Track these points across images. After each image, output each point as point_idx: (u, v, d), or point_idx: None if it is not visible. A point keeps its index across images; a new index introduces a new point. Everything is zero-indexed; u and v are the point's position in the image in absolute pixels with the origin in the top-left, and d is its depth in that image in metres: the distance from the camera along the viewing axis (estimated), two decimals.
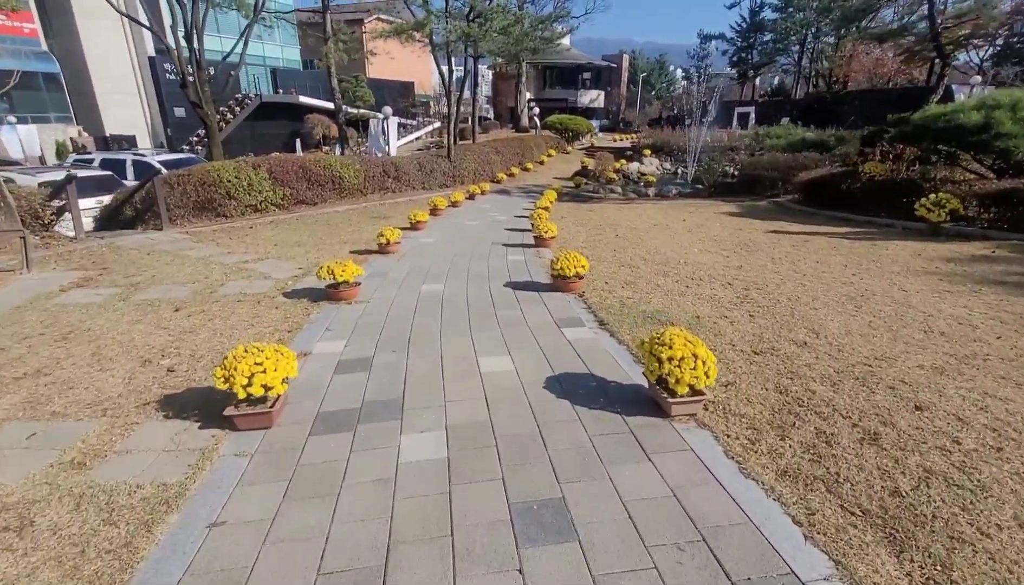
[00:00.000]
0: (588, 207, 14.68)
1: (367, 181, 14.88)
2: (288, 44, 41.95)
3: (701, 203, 15.34)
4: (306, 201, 13.15)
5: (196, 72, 12.69)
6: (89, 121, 32.34)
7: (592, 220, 12.04)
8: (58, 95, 31.33)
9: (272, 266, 7.85)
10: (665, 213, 13.07)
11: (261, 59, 39.55)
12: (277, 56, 40.97)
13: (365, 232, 10.62)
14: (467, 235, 10.42)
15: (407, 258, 8.46)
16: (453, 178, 18.02)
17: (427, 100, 45.52)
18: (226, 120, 30.93)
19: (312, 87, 36.89)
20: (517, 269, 7.62)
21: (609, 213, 13.31)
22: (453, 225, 11.61)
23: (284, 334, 5.19)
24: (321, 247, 9.27)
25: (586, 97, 45.70)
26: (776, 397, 3.78)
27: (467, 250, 8.99)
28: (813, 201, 13.00)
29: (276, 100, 32.87)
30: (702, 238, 9.61)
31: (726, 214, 12.83)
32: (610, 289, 6.47)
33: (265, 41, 40.02)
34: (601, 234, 10.15)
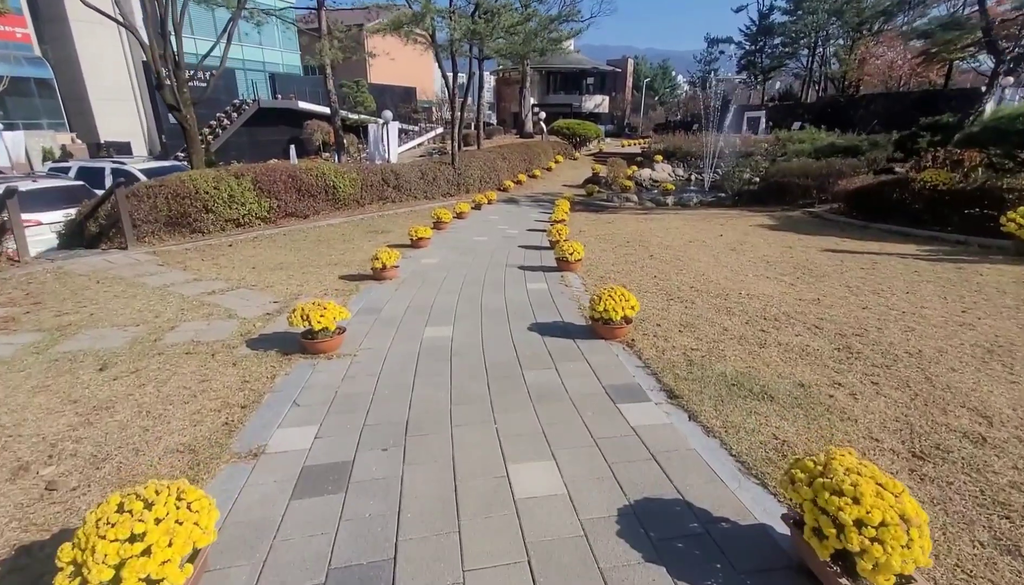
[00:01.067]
0: (606, 219, 13.18)
1: (364, 190, 13.40)
2: (288, 49, 40.60)
3: (728, 213, 13.84)
4: (296, 213, 11.66)
5: (174, 73, 11.25)
6: (84, 128, 30.97)
7: (615, 234, 10.54)
8: (51, 101, 29.96)
9: (242, 299, 6.34)
10: (695, 226, 11.57)
11: (260, 64, 38.23)
12: (277, 61, 39.63)
13: (360, 250, 9.13)
14: (476, 254, 8.92)
15: (407, 286, 6.95)
16: (457, 186, 16.54)
17: (429, 105, 44.13)
18: (223, 126, 29.54)
19: (312, 93, 35.49)
20: (541, 303, 6.10)
21: (631, 226, 11.81)
22: (460, 241, 10.11)
23: (234, 413, 3.68)
24: (307, 271, 7.77)
25: (590, 102, 44.26)
26: (1008, 565, 2.26)
27: (478, 275, 7.47)
28: (859, 212, 11.49)
29: (275, 105, 31.47)
30: (752, 259, 8.09)
31: (763, 227, 11.33)
32: (665, 335, 4.96)
33: (264, 46, 38.71)
34: (631, 253, 8.64)
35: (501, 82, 45.88)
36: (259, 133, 30.98)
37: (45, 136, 27.75)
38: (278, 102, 31.94)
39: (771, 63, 37.32)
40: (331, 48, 14.08)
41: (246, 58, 37.63)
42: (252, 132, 30.86)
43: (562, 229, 9.05)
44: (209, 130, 29.18)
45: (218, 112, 29.84)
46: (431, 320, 5.55)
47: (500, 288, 6.75)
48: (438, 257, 8.70)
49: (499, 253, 8.96)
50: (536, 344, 4.85)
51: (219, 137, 28.83)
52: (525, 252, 9.01)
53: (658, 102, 58.20)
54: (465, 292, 6.58)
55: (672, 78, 62.18)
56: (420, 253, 9.03)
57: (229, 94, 31.06)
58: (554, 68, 43.49)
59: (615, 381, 4.06)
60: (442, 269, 7.87)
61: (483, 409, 3.67)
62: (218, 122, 29.43)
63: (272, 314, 5.75)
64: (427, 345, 4.86)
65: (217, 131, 29.07)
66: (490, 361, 4.47)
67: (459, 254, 8.94)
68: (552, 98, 44.24)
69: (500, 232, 11.18)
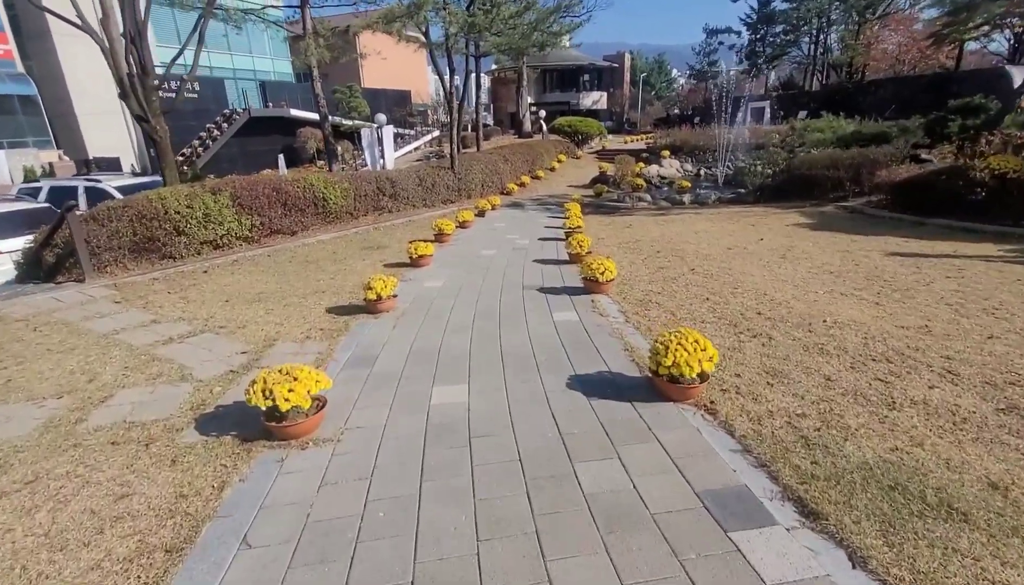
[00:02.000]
0: (623, 222, 11.88)
1: (358, 201, 12.10)
2: (279, 56, 39.27)
3: (753, 211, 12.54)
4: (282, 230, 10.37)
5: (140, 79, 9.95)
6: (71, 144, 29.69)
7: (639, 241, 9.24)
8: (36, 118, 28.69)
9: (204, 348, 5.06)
10: (724, 228, 10.27)
11: (251, 73, 36.94)
12: (268, 69, 38.32)
13: (352, 272, 7.85)
14: (486, 272, 7.62)
15: (407, 321, 5.66)
16: (458, 192, 15.24)
17: (425, 109, 42.81)
18: (212, 137, 28.23)
19: (305, 100, 34.13)
20: (576, 342, 4.80)
21: (653, 229, 10.51)
22: (465, 256, 8.82)
23: (152, 567, 2.40)
24: (289, 302, 6.49)
25: (588, 99, 42.88)
26: None
27: (491, 301, 6.17)
28: (907, 206, 10.20)
29: (266, 114, 30.17)
30: (811, 270, 6.79)
31: (800, 226, 10.04)
32: (752, 390, 3.67)
33: (255, 55, 37.42)
34: (666, 266, 7.34)
35: (497, 82, 44.54)
36: (251, 143, 29.70)
37: (28, 154, 26.48)
38: (269, 110, 30.64)
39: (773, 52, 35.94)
40: (316, 47, 12.81)
41: (236, 67, 36.37)
42: (244, 142, 29.58)
43: (583, 240, 7.75)
44: (199, 142, 27.92)
45: (208, 123, 28.55)
46: (439, 374, 4.25)
47: (520, 320, 5.45)
48: (443, 278, 7.41)
49: (512, 270, 7.66)
50: (583, 413, 3.55)
51: (209, 149, 27.53)
52: (542, 269, 7.70)
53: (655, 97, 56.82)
54: (479, 328, 5.29)
55: (668, 72, 60.79)
56: (422, 274, 7.74)
57: (219, 104, 29.78)
58: (550, 65, 42.12)
59: (711, 482, 2.76)
60: (448, 294, 6.58)
61: (527, 549, 2.37)
62: (208, 133, 28.14)
63: (237, 371, 4.46)
64: (436, 419, 3.56)
65: (207, 143, 27.78)
66: (525, 446, 3.18)
67: (466, 273, 7.64)
68: (549, 96, 42.88)
69: (509, 243, 9.88)
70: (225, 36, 36.01)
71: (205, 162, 27.32)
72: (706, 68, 45.47)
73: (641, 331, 4.92)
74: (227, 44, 36.21)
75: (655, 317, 5.24)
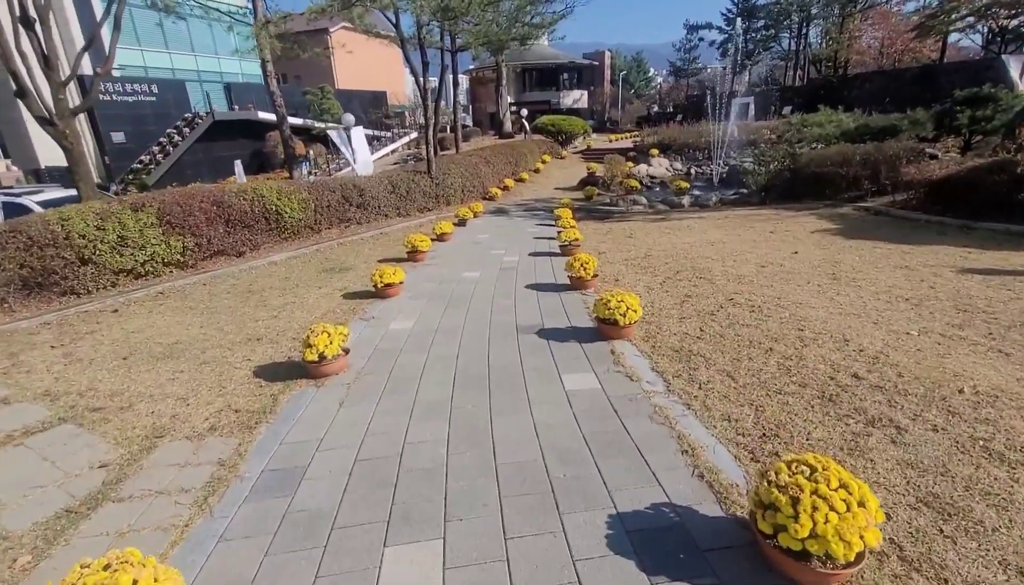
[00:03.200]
0: (623, 230, 10.32)
1: (319, 213, 10.33)
2: (247, 58, 36.86)
3: (761, 214, 11.10)
4: (226, 251, 8.58)
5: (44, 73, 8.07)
6: (21, 154, 27.14)
7: (648, 256, 7.67)
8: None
9: (53, 454, 3.31)
10: (742, 236, 8.77)
11: (217, 75, 34.63)
12: (235, 71, 35.99)
13: (302, 307, 6.14)
14: (469, 306, 5.97)
15: (359, 392, 3.97)
16: (436, 198, 13.54)
17: (402, 110, 40.82)
18: (173, 143, 25.97)
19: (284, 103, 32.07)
20: (605, 438, 3.12)
21: (661, 240, 8.97)
22: (443, 281, 7.15)
23: None
24: (207, 358, 4.76)
25: (569, 98, 41.34)
26: None
27: (476, 358, 4.48)
28: (945, 207, 8.83)
29: (232, 117, 28.01)
30: (880, 296, 5.28)
31: (828, 233, 8.58)
32: (938, 558, 2.11)
33: (220, 56, 35.08)
34: (694, 293, 5.75)
35: (475, 82, 42.79)
36: (216, 148, 27.54)
37: None
38: (235, 114, 28.47)
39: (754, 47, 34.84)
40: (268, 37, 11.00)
41: (201, 69, 34.05)
42: (209, 148, 27.40)
43: (587, 262, 6.14)
44: (159, 148, 25.67)
45: (168, 128, 26.30)
46: (396, 518, 2.58)
47: (519, 391, 3.80)
48: (414, 315, 5.73)
49: (502, 301, 6.02)
50: None
51: (170, 155, 25.31)
52: (538, 299, 6.08)
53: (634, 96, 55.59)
54: (460, 409, 3.61)
55: (646, 71, 59.62)
56: (389, 308, 6.05)
57: (180, 108, 27.53)
58: (530, 64, 40.51)
59: None
60: (419, 344, 4.90)
61: None
62: (168, 139, 25.90)
63: (74, 515, 2.76)
64: None
65: (168, 149, 25.54)
66: None
67: (443, 307, 5.98)
68: (529, 95, 41.24)
69: (495, 261, 8.24)
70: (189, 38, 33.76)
71: (166, 169, 25.14)
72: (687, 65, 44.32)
73: (697, 412, 3.32)
74: (190, 45, 33.92)
75: (710, 384, 3.65)
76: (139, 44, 31.75)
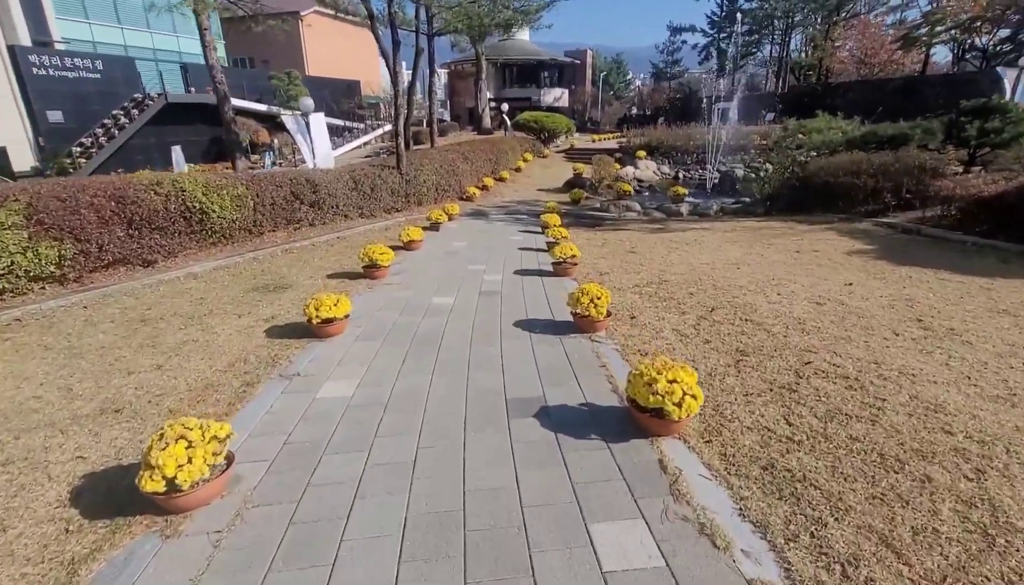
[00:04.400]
0: (621, 242, 8.70)
1: (261, 212, 8.38)
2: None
3: (774, 227, 9.66)
4: (127, 260, 6.59)
5: None
6: None
7: (664, 281, 6.05)
8: None
9: None
10: (767, 257, 7.24)
11: (176, 55, 31.67)
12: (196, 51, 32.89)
13: (204, 351, 4.27)
14: (438, 357, 4.20)
15: (243, 544, 2.22)
16: (406, 198, 11.68)
17: (377, 101, 38.40)
18: (119, 125, 23.22)
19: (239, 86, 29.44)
20: None
21: (670, 258, 7.37)
22: (405, 312, 5.36)
23: None
24: (12, 456, 2.91)
25: (549, 96, 39.61)
26: None
27: (445, 461, 2.76)
28: (995, 228, 7.50)
29: (187, 100, 25.37)
30: (1008, 359, 3.78)
31: (865, 256, 7.13)
32: None
33: (180, 34, 32.10)
34: (749, 347, 4.08)
35: (454, 75, 40.70)
36: (171, 133, 24.87)
37: None
38: (191, 96, 25.82)
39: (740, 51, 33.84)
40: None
41: (157, 48, 31.10)
42: (162, 132, 24.72)
43: (598, 295, 4.45)
44: (102, 130, 22.90)
45: (114, 109, 23.53)
46: None
47: (523, 575, 2.10)
48: (358, 372, 3.93)
49: (484, 352, 4.26)
50: None
51: (115, 138, 22.59)
52: (532, 344, 4.36)
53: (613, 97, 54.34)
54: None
55: (626, 72, 58.36)
56: (324, 356, 4.24)
57: (129, 87, 24.74)
58: (510, 60, 38.63)
59: None
60: (356, 437, 3.07)
61: None
62: (114, 121, 23.16)
63: None
64: None
65: (113, 131, 22.80)
66: None
67: (402, 355, 4.19)
68: (508, 92, 39.34)
69: (474, 280, 6.49)
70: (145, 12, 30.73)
71: (110, 154, 22.44)
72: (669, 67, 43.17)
73: None
74: (146, 22, 30.89)
75: (863, 568, 2.01)
76: (87, 16, 28.69)
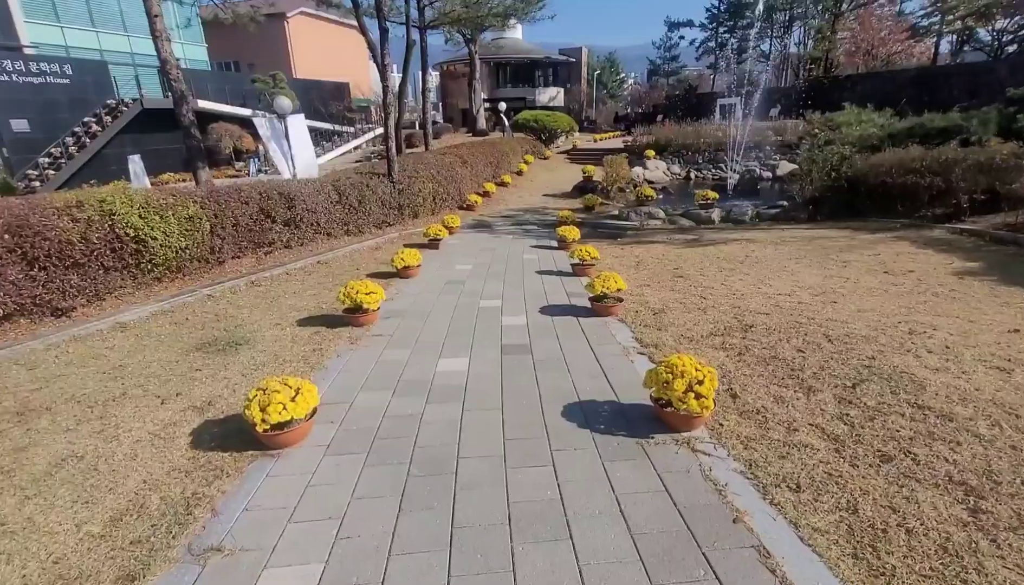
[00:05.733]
0: (658, 259, 7.05)
1: (220, 236, 6.67)
2: (191, 41, 32.10)
3: (833, 238, 8.09)
4: (28, 310, 4.88)
5: None
6: None
7: (746, 325, 4.40)
8: None
9: None
10: (852, 279, 5.64)
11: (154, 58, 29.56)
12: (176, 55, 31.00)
13: (92, 479, 2.56)
14: (456, 486, 2.58)
15: None
16: (399, 209, 9.99)
17: (367, 104, 36.55)
18: (91, 133, 21.32)
19: (222, 90, 27.58)
20: None
21: (732, 284, 5.75)
22: (402, 389, 3.68)
23: None
24: None
25: (544, 95, 37.89)
26: None
27: None
28: None
29: (165, 106, 23.37)
30: None
31: (986, 279, 5.54)
32: None
33: None
34: (965, 469, 2.48)
35: (446, 76, 38.95)
36: (148, 141, 23.06)
37: None
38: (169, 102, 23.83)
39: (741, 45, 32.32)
40: None
41: (134, 51, 29.06)
42: (139, 140, 22.84)
43: (703, 384, 2.83)
44: (73, 139, 21.00)
45: (86, 116, 21.63)
46: None
47: None
48: (323, 539, 2.29)
49: (529, 480, 2.58)
50: None
51: (87, 147, 20.73)
52: (599, 454, 2.72)
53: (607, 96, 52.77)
54: None
55: (619, 71, 56.74)
56: (274, 492, 2.57)
57: (102, 93, 22.83)
58: (504, 58, 36.89)
59: None
60: None
61: None
62: (85, 129, 21.27)
63: None
64: None
65: (84, 140, 20.92)
66: None
67: (396, 505, 2.51)
68: (502, 92, 37.57)
69: (490, 325, 4.83)
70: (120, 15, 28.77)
71: (82, 164, 20.59)
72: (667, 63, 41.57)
73: None
74: (122, 24, 28.94)
75: None
76: (58, 20, 26.68)
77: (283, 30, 36.21)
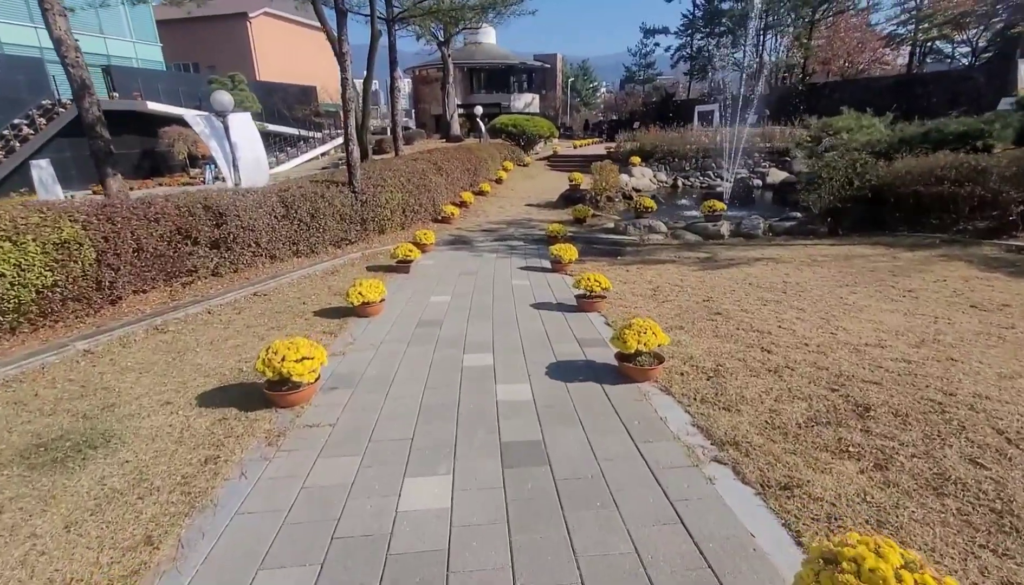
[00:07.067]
0: (677, 286, 5.60)
1: (115, 266, 4.93)
2: (143, 40, 29.58)
3: (870, 256, 6.84)
4: None
5: None
6: None
7: (860, 403, 2.99)
8: None
9: None
10: (929, 314, 4.30)
11: (104, 57, 27.03)
12: (128, 55, 28.58)
13: None
14: None
15: None
16: (362, 224, 8.31)
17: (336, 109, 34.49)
18: (21, 137, 18.82)
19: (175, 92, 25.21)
20: None
21: (794, 327, 4.34)
22: (329, 570, 2.14)
23: None
24: None
25: (520, 101, 36.52)
26: None
27: None
28: None
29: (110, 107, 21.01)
30: None
31: None
32: None
33: (107, 35, 27.52)
34: None
35: (419, 81, 37.23)
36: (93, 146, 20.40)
37: None
38: (114, 103, 21.57)
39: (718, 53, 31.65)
40: None
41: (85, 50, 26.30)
42: (80, 145, 20.22)
43: None
44: (1, 144, 18.46)
45: (15, 117, 19.12)
46: None
47: None
48: None
49: None
50: None
51: (16, 152, 18.25)
52: None
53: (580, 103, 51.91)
54: None
55: (593, 79, 55.96)
56: None
57: (35, 92, 20.33)
58: (478, 64, 35.41)
59: None
60: None
61: None
62: (15, 132, 18.78)
63: None
64: None
65: (14, 145, 18.44)
66: None
67: None
68: (476, 97, 36.05)
69: (480, 405, 3.27)
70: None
71: (10, 170, 18.09)
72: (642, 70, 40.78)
73: None
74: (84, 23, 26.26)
75: None
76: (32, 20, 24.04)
77: (246, 30, 33.90)
